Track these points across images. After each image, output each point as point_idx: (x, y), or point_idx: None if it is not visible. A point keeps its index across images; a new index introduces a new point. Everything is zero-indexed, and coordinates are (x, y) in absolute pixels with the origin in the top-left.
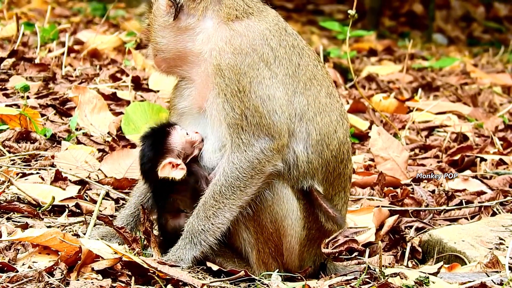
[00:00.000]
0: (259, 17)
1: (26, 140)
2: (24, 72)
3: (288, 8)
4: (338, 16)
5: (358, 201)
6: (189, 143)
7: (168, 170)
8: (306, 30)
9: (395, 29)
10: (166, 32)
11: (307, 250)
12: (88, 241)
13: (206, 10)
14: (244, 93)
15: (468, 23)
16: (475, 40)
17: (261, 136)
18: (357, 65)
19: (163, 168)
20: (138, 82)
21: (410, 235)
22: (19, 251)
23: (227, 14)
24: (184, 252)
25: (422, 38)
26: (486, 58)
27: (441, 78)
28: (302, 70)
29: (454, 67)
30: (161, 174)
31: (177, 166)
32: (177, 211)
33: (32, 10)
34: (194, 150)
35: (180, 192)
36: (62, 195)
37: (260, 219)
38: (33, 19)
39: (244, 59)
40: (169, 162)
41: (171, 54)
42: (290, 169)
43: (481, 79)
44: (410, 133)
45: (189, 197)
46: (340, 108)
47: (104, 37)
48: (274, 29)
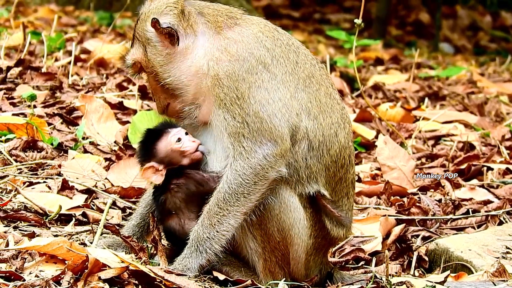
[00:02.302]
0: (247, 21)
1: (33, 149)
2: (30, 81)
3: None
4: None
5: (364, 210)
6: (177, 151)
7: (149, 173)
8: (312, 39)
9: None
10: (172, 65)
11: (313, 259)
12: (95, 250)
13: (196, 25)
14: (243, 100)
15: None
16: (481, 49)
17: (263, 142)
18: (363, 74)
19: (144, 170)
20: (145, 91)
21: (416, 244)
22: (26, 260)
23: (215, 23)
24: (190, 261)
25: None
26: (492, 67)
27: (447, 87)
28: (300, 68)
29: (461, 76)
30: (142, 176)
31: (158, 171)
32: (169, 212)
33: (38, 19)
34: (183, 159)
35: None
36: (69, 204)
37: (267, 228)
38: (39, 28)
39: (242, 65)
40: (151, 166)
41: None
42: (293, 175)
43: (488, 88)
44: (417, 142)
45: (180, 200)
46: (341, 110)
47: (110, 46)
48: (266, 30)
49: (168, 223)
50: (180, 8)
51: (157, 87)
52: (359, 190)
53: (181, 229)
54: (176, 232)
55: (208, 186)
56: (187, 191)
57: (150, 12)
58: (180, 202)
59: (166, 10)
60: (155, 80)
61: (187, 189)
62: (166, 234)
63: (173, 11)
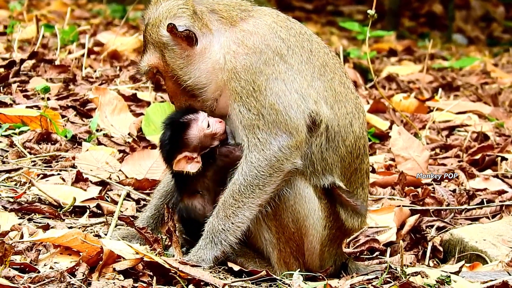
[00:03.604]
0: (259, 13)
1: (46, 142)
2: (44, 73)
3: (307, 9)
4: (358, 17)
5: (379, 201)
6: (209, 136)
7: (183, 164)
8: (325, 31)
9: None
10: (192, 66)
11: (328, 250)
12: (110, 241)
13: (210, 23)
14: (260, 92)
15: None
16: (495, 40)
17: (279, 133)
18: (377, 65)
19: (177, 162)
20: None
21: (431, 234)
22: (41, 252)
23: (230, 18)
24: (205, 252)
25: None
26: (506, 58)
27: (461, 78)
28: (315, 56)
29: (474, 67)
30: (176, 168)
31: (192, 159)
32: (193, 192)
33: (51, 12)
34: (214, 141)
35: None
36: (83, 196)
37: (282, 219)
38: (52, 21)
39: (259, 57)
40: (184, 156)
41: (204, 84)
42: (308, 166)
43: (501, 78)
44: (431, 132)
45: (209, 179)
46: (355, 100)
47: (123, 39)
48: (279, 20)
49: (190, 202)
50: (192, 9)
51: (176, 90)
52: (373, 181)
53: (202, 210)
54: (196, 212)
55: (233, 156)
56: (216, 167)
57: (161, 16)
58: (208, 181)
59: (179, 12)
60: (176, 83)
61: (215, 166)
62: (183, 216)
63: (186, 13)
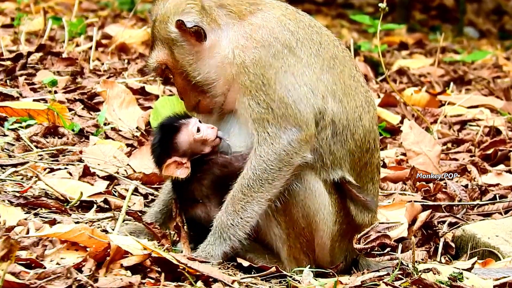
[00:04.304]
0: (268, 6)
1: (53, 135)
2: (51, 66)
3: (317, 2)
4: (368, 10)
5: (390, 196)
6: (199, 141)
7: (173, 169)
8: (336, 24)
9: (425, 22)
10: (201, 62)
11: (338, 246)
12: (117, 237)
13: (219, 17)
14: (269, 86)
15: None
16: (506, 34)
17: (288, 127)
18: (388, 58)
19: (167, 167)
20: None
21: (443, 230)
22: (47, 247)
23: (239, 12)
24: (214, 248)
25: (453, 32)
26: None
27: (473, 71)
28: (324, 49)
29: (486, 60)
30: (165, 173)
31: (182, 164)
32: (194, 201)
33: (59, 4)
34: (205, 147)
35: (197, 181)
36: (90, 190)
37: (292, 214)
38: (60, 13)
39: (268, 50)
40: (174, 161)
41: (213, 80)
42: (318, 160)
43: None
44: (442, 127)
45: (207, 187)
46: (366, 93)
47: (132, 31)
48: (287, 13)
49: (193, 212)
50: (200, 4)
51: (186, 86)
52: (384, 176)
53: (207, 216)
54: (201, 220)
55: (232, 167)
56: (212, 176)
57: (169, 12)
58: (206, 189)
59: (187, 8)
60: (185, 79)
61: (212, 175)
62: (190, 223)
63: (194, 8)
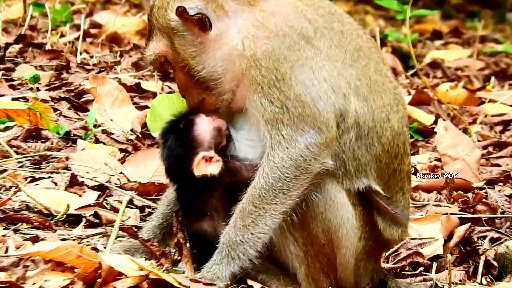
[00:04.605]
0: None
1: (36, 139)
2: (33, 60)
3: None
4: None
5: (422, 208)
6: (217, 130)
7: (203, 166)
8: (359, 10)
9: (462, 7)
10: (206, 55)
11: (363, 265)
12: (109, 255)
13: (226, 3)
14: (284, 81)
15: None
16: None
17: (306, 129)
18: (419, 49)
19: (198, 165)
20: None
21: (484, 247)
22: (29, 268)
23: None
24: (221, 268)
25: (494, 18)
26: None
27: None
28: (347, 39)
29: None
30: (198, 173)
31: (211, 159)
32: (201, 214)
33: None
34: (223, 139)
35: (209, 191)
36: (78, 202)
37: (310, 229)
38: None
39: (282, 41)
40: (203, 156)
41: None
42: (340, 167)
43: None
44: (482, 128)
45: (216, 198)
46: (394, 90)
47: (125, 19)
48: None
49: (199, 226)
50: None
51: (188, 82)
52: (416, 185)
53: (214, 232)
54: (207, 235)
55: (240, 176)
56: (223, 185)
57: None
58: (216, 200)
59: None
60: (187, 74)
61: (222, 183)
62: (194, 239)
63: None
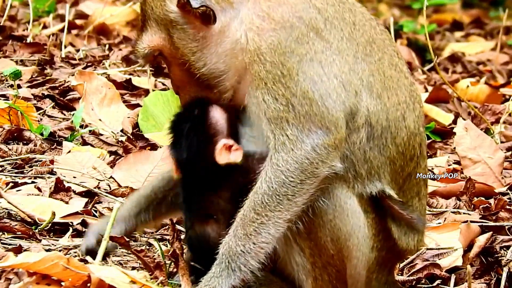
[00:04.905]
0: None
1: (17, 141)
2: (13, 54)
3: None
4: None
5: (440, 215)
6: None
7: (226, 155)
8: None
9: None
10: (208, 50)
11: (376, 277)
12: (99, 267)
13: None
14: (290, 77)
15: None
16: None
17: (313, 129)
18: (437, 42)
19: (220, 153)
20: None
21: (507, 257)
22: (12, 281)
23: None
24: (220, 281)
25: None
26: None
27: None
28: (359, 31)
29: None
30: (222, 161)
31: (230, 148)
32: (206, 217)
33: None
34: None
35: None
36: (65, 210)
37: (318, 238)
38: None
39: (289, 33)
40: (223, 144)
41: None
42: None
43: None
44: (506, 128)
45: (224, 199)
46: (410, 86)
47: (114, 9)
48: None
49: (202, 229)
50: None
51: (186, 79)
52: (434, 190)
53: (217, 237)
54: (209, 241)
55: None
56: (234, 185)
57: None
58: (224, 202)
59: None
60: (186, 71)
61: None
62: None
63: None
